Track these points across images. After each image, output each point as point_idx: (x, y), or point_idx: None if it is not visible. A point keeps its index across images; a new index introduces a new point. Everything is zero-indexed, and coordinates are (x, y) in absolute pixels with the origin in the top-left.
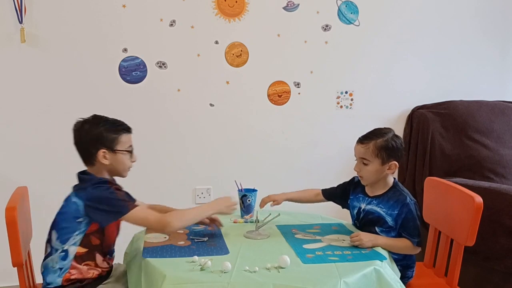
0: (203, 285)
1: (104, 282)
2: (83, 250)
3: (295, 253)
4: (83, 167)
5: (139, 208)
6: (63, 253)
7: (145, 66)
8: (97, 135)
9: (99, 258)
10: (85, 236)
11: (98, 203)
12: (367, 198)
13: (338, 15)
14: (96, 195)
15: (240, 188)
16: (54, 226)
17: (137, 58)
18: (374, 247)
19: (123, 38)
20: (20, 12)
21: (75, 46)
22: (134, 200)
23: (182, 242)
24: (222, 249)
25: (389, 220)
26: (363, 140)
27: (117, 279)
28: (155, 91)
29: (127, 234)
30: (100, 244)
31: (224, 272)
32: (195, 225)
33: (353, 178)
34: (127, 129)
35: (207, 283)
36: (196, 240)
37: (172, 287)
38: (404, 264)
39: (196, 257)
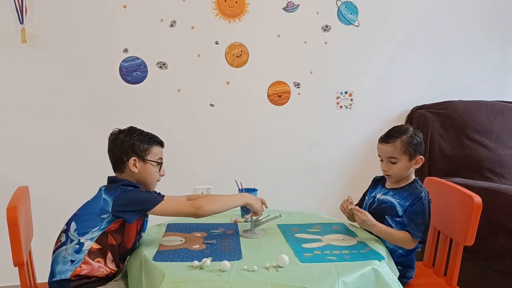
0: (202, 284)
1: (111, 282)
2: (97, 246)
3: (294, 252)
4: (82, 167)
5: (168, 200)
6: (78, 246)
7: (145, 66)
8: (130, 144)
9: (109, 257)
10: (103, 233)
11: (129, 200)
12: (384, 189)
13: (338, 15)
14: (126, 193)
15: (240, 187)
16: (75, 217)
17: (137, 58)
18: (372, 228)
19: (124, 38)
20: (21, 12)
21: (75, 46)
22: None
23: (197, 246)
24: (236, 254)
25: (399, 210)
26: (388, 139)
27: (119, 279)
28: (156, 91)
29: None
30: (116, 245)
31: (223, 271)
32: (214, 228)
33: (374, 178)
34: (160, 142)
35: (206, 282)
36: (205, 242)
37: (171, 286)
38: (405, 263)
39: (196, 262)
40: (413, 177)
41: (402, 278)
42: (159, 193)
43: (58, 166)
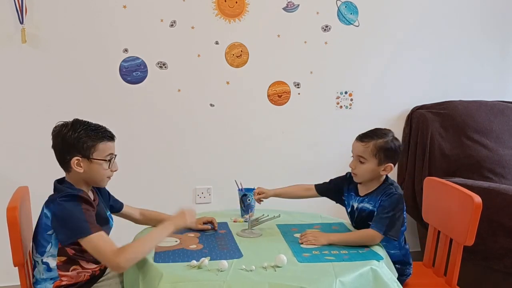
0: (200, 283)
1: (99, 280)
2: (62, 259)
3: (292, 252)
4: None
5: (101, 236)
6: (45, 265)
7: (145, 66)
8: (73, 141)
9: (83, 262)
10: (59, 248)
11: (63, 219)
12: (358, 197)
13: (338, 15)
14: (63, 209)
15: (240, 187)
16: (33, 237)
17: (137, 58)
18: (332, 242)
19: (124, 38)
20: (21, 12)
21: (75, 46)
22: (99, 228)
23: (193, 246)
24: (236, 253)
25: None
26: (363, 138)
27: (112, 278)
28: (156, 91)
29: (129, 233)
30: (76, 254)
31: (221, 271)
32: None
33: (346, 174)
34: (108, 137)
35: (204, 282)
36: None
37: (169, 286)
38: (402, 261)
39: (194, 261)
40: (383, 179)
41: (401, 276)
42: (121, 203)
43: (58, 166)
